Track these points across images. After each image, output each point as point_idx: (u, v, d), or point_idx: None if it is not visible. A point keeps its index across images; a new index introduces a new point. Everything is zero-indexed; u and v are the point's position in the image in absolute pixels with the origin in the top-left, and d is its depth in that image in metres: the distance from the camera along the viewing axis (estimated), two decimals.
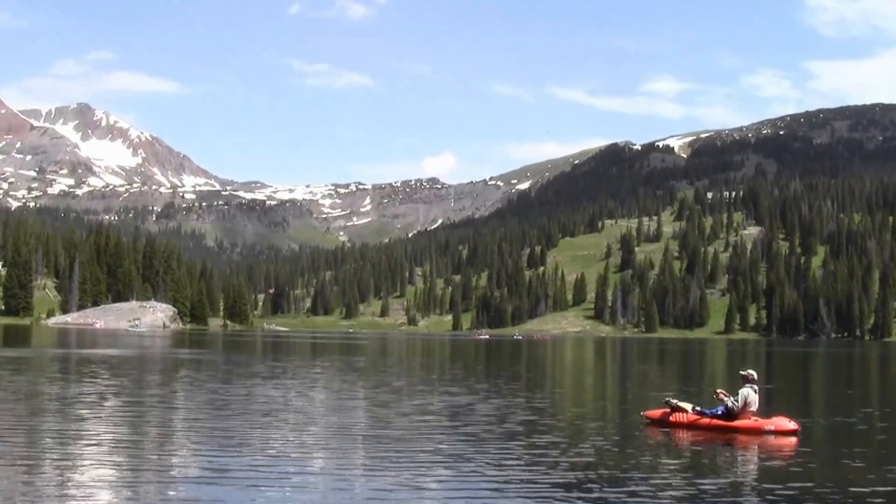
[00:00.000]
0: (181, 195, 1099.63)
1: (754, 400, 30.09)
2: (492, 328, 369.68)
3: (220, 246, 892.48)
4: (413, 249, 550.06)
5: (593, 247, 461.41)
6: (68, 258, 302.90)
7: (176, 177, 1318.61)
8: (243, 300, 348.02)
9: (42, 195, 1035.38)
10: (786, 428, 29.49)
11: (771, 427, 29.36)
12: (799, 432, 29.21)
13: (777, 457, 25.77)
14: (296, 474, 20.90)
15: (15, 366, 58.51)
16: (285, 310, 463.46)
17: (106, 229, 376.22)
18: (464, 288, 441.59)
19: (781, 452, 26.43)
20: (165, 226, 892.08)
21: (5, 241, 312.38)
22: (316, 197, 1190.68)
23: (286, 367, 67.47)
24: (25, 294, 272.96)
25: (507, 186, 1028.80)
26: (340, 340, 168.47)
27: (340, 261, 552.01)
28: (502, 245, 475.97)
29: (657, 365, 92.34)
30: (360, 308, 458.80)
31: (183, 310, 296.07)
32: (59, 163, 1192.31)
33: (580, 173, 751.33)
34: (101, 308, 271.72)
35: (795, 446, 27.34)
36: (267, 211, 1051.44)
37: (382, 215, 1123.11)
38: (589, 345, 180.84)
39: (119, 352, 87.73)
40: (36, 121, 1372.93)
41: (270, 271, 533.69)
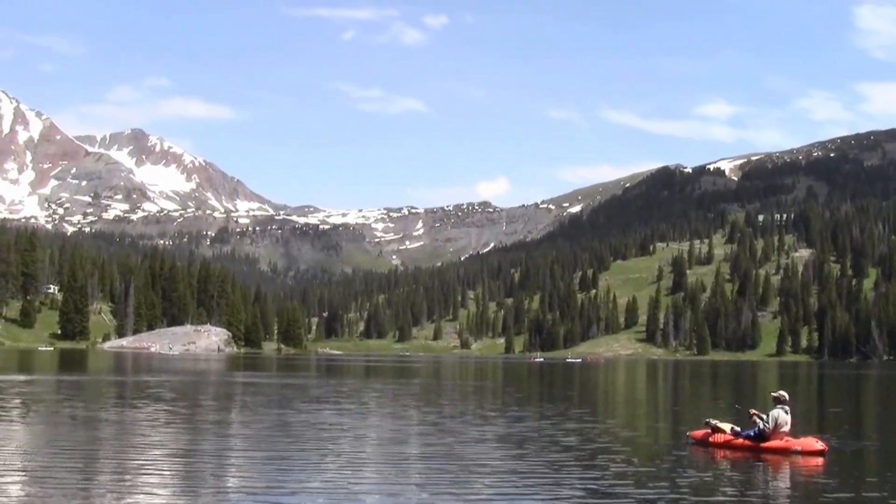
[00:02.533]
0: (235, 220, 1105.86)
1: (786, 421, 31.15)
2: (544, 351, 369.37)
3: (273, 270, 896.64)
4: (465, 273, 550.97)
5: (645, 270, 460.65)
6: (123, 283, 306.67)
7: (230, 202, 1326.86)
8: (297, 324, 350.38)
9: (97, 220, 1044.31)
10: (813, 448, 30.21)
11: (798, 448, 30.60)
12: (826, 453, 30.38)
13: (801, 477, 26.91)
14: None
15: (72, 391, 60.13)
16: (339, 333, 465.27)
17: (161, 254, 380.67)
18: (516, 311, 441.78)
19: (807, 473, 27.55)
20: (219, 250, 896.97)
21: (61, 267, 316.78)
22: (369, 221, 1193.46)
23: (343, 390, 68.30)
24: (81, 318, 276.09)
25: (559, 210, 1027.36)
26: (395, 364, 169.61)
27: (393, 284, 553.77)
28: (554, 268, 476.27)
29: (708, 387, 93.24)
30: (413, 331, 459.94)
31: (237, 334, 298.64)
32: (114, 188, 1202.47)
33: (632, 196, 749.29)
34: (157, 332, 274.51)
35: (822, 467, 28.48)
36: (320, 235, 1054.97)
37: (435, 239, 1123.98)
38: (641, 367, 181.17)
39: (174, 376, 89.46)
40: (91, 147, 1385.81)
41: (324, 295, 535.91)
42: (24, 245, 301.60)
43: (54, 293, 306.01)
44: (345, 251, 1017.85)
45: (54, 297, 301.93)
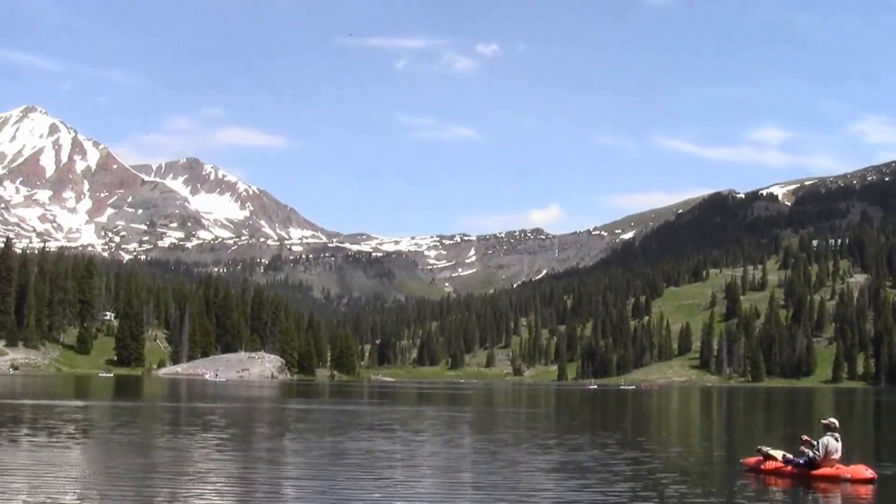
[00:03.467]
0: (289, 247, 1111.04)
1: (836, 448, 31.08)
2: (597, 378, 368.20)
3: (327, 297, 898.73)
4: (518, 300, 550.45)
5: (698, 296, 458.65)
6: (178, 310, 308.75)
7: (283, 229, 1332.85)
8: (350, 351, 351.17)
9: (153, 248, 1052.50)
10: (863, 476, 30.05)
11: (848, 475, 30.53)
12: (876, 481, 30.34)
13: None
14: None
15: (127, 417, 60.91)
16: (391, 360, 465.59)
17: (215, 281, 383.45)
18: (569, 338, 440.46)
19: (856, 501, 27.59)
20: (273, 278, 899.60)
21: (118, 294, 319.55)
22: (421, 248, 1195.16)
23: (396, 417, 68.67)
24: (137, 345, 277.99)
25: (611, 236, 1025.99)
26: (447, 391, 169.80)
27: (446, 311, 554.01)
28: (607, 295, 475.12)
29: (762, 414, 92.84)
30: (466, 358, 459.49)
31: (291, 360, 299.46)
32: (169, 216, 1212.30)
33: (684, 222, 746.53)
34: (211, 359, 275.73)
35: (872, 495, 28.48)
36: (373, 262, 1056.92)
37: (487, 266, 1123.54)
38: (695, 394, 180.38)
39: (229, 403, 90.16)
40: (147, 176, 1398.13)
41: (377, 322, 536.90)
42: (81, 273, 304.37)
43: (110, 320, 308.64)
44: (398, 278, 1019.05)
45: (110, 323, 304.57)
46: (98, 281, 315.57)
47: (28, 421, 53.91)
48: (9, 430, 46.83)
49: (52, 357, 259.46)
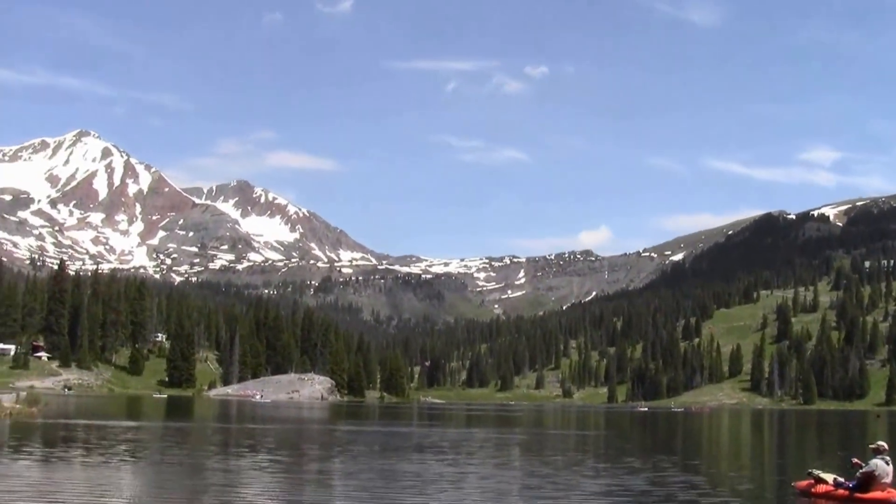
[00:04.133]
0: (338, 269, 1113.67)
1: (886, 471, 30.90)
2: (647, 400, 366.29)
3: (376, 319, 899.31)
4: (567, 322, 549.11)
5: (749, 318, 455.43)
6: (229, 331, 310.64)
7: (333, 252, 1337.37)
8: (399, 373, 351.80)
9: (204, 270, 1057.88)
10: None
11: None
12: None
13: None
14: None
15: (179, 437, 61.38)
16: (441, 382, 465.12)
17: (265, 303, 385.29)
18: (618, 360, 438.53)
19: None
20: (323, 300, 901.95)
21: (169, 316, 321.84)
22: (471, 270, 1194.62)
23: (446, 439, 68.73)
24: (188, 366, 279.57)
25: (661, 258, 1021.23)
26: (497, 413, 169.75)
27: (495, 333, 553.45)
28: (657, 317, 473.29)
29: (814, 437, 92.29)
30: (516, 380, 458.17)
31: (340, 382, 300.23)
32: (219, 239, 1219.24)
33: (734, 243, 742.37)
34: (261, 380, 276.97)
35: None
36: (423, 284, 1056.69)
37: (537, 288, 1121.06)
38: (746, 417, 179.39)
39: (279, 424, 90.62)
40: (198, 198, 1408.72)
41: (426, 344, 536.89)
42: (133, 294, 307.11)
43: (162, 341, 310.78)
44: (447, 300, 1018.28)
45: (162, 345, 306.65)
46: (150, 303, 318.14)
47: (81, 441, 54.43)
48: (62, 449, 47.36)
49: (104, 378, 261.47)
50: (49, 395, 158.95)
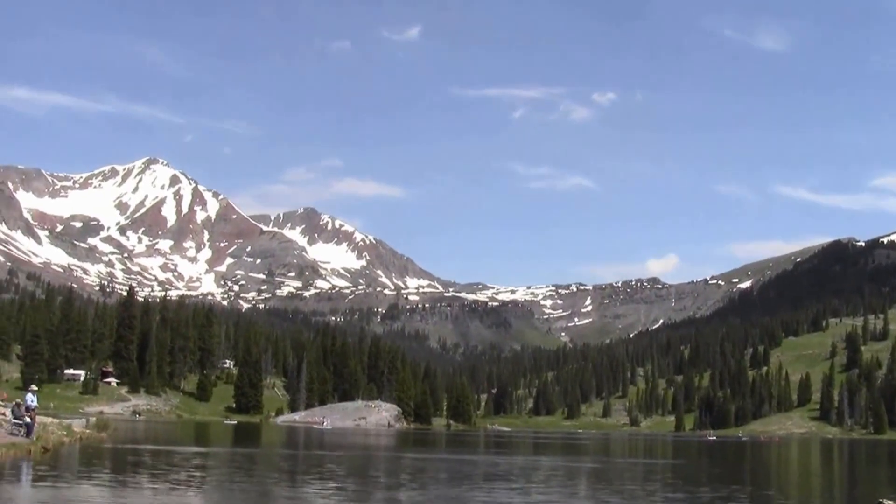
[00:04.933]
0: (405, 297, 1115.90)
1: None
2: (714, 429, 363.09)
3: (443, 347, 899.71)
4: (634, 349, 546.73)
5: (818, 346, 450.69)
6: (296, 358, 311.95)
7: (400, 279, 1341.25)
8: (466, 400, 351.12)
9: (271, 297, 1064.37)
10: None
11: None
12: None
13: None
14: None
15: (246, 463, 61.56)
16: (507, 410, 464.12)
17: (332, 330, 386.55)
18: (686, 388, 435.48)
19: None
20: (390, 327, 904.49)
21: (237, 342, 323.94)
22: (537, 298, 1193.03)
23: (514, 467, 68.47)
24: (255, 393, 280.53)
25: (729, 285, 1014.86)
26: (564, 441, 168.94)
27: (562, 361, 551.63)
28: (724, 345, 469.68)
29: (885, 468, 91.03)
30: (582, 408, 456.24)
31: (407, 409, 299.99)
32: (287, 266, 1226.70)
33: (803, 271, 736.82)
34: (328, 407, 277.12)
35: None
36: (489, 312, 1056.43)
37: (603, 315, 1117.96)
38: (816, 447, 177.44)
39: (346, 451, 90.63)
40: (265, 226, 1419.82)
41: (493, 372, 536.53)
42: (201, 321, 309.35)
43: (230, 368, 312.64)
44: (514, 328, 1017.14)
45: (230, 371, 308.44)
46: (217, 329, 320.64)
47: (149, 466, 54.70)
48: (131, 474, 47.62)
49: (172, 403, 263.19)
50: (118, 420, 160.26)
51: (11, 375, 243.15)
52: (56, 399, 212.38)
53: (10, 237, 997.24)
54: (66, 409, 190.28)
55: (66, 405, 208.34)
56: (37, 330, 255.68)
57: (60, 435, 70.27)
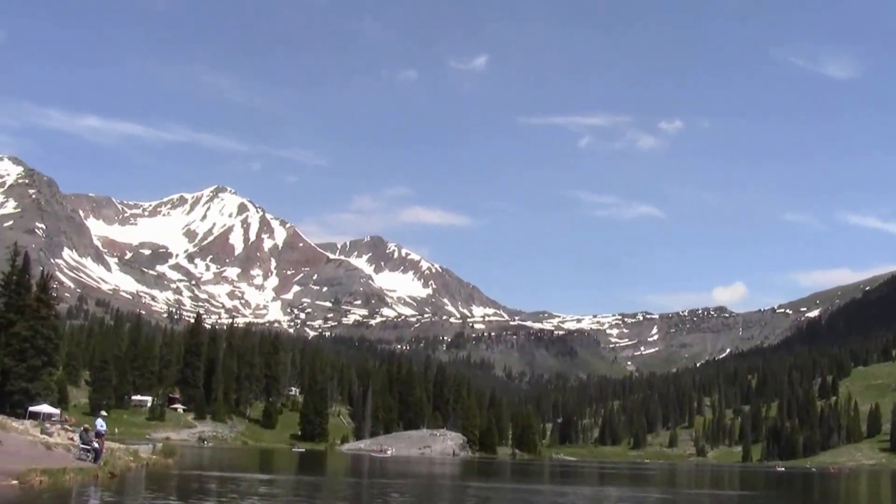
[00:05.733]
0: (471, 325, 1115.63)
1: None
2: (783, 460, 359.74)
3: (508, 375, 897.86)
4: (701, 379, 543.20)
5: (887, 376, 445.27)
6: (362, 386, 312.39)
7: (466, 307, 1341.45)
8: (531, 429, 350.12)
9: (337, 325, 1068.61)
10: None
11: None
12: None
13: None
14: None
15: (311, 491, 61.64)
16: (573, 439, 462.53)
17: (398, 358, 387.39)
18: (753, 418, 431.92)
19: None
20: (455, 355, 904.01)
21: (303, 370, 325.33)
22: (603, 327, 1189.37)
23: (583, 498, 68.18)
24: (321, 420, 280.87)
25: (797, 314, 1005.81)
26: (630, 471, 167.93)
27: (628, 390, 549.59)
28: (792, 374, 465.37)
29: None
30: (648, 438, 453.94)
31: (472, 438, 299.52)
32: (353, 294, 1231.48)
33: (872, 300, 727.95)
34: (393, 435, 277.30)
35: None
36: (555, 341, 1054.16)
37: (670, 345, 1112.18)
38: (886, 478, 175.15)
39: (411, 480, 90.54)
40: (332, 254, 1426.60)
41: (558, 400, 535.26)
42: (267, 348, 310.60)
43: (295, 395, 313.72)
44: (580, 357, 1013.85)
45: (295, 398, 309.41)
46: (284, 357, 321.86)
47: (215, 492, 54.95)
48: (196, 500, 47.87)
49: (238, 430, 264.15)
50: (184, 446, 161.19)
51: (80, 401, 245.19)
52: (123, 425, 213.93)
53: (81, 264, 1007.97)
54: (132, 434, 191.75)
55: (133, 431, 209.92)
56: (105, 356, 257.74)
57: (127, 460, 70.78)
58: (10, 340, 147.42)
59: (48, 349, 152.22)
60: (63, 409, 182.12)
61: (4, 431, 64.16)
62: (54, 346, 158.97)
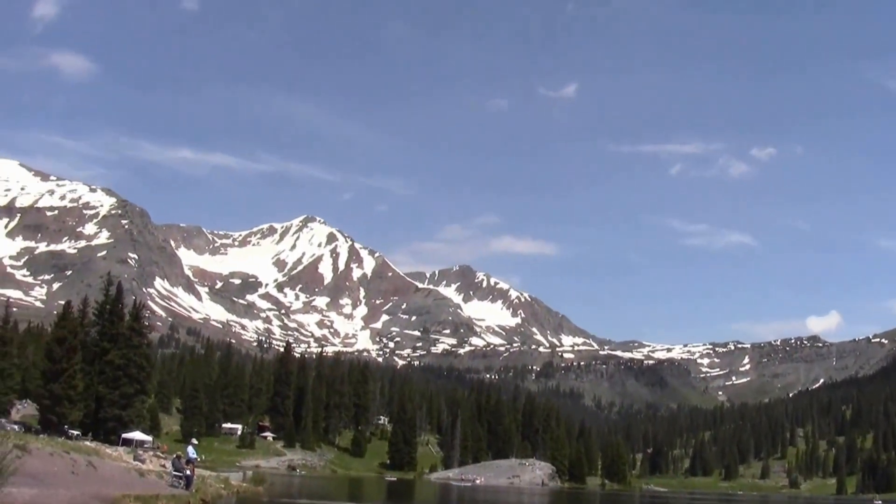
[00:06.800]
0: (560, 354, 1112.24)
1: None
2: (879, 493, 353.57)
3: (598, 405, 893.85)
4: (794, 409, 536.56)
5: None
6: (450, 415, 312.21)
7: (555, 336, 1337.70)
8: (621, 460, 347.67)
9: (426, 354, 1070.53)
10: None
11: None
12: None
13: None
14: None
15: None
16: (663, 470, 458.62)
17: (487, 388, 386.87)
18: (848, 450, 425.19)
19: None
20: (544, 384, 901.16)
21: (391, 399, 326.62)
22: (694, 356, 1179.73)
23: None
24: (410, 449, 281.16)
25: (892, 344, 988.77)
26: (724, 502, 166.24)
27: (719, 421, 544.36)
28: (888, 405, 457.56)
29: None
30: (740, 469, 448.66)
31: (561, 468, 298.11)
32: (442, 323, 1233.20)
33: None
34: (482, 464, 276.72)
35: None
36: (645, 370, 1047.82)
37: (762, 374, 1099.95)
38: None
39: None
40: (420, 283, 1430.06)
41: (648, 431, 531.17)
42: (356, 377, 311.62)
43: (384, 424, 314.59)
44: (670, 386, 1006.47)
45: (384, 427, 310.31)
46: (373, 386, 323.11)
47: None
48: None
49: (327, 459, 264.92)
50: (274, 474, 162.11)
51: (171, 428, 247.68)
52: (213, 452, 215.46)
53: (172, 293, 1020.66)
54: (222, 462, 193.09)
55: (223, 458, 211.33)
56: (196, 384, 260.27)
57: (218, 488, 71.26)
58: (104, 368, 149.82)
59: (141, 377, 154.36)
60: (155, 437, 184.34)
61: (99, 458, 64.84)
62: (147, 375, 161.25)
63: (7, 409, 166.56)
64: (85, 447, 76.41)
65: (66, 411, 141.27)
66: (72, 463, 55.43)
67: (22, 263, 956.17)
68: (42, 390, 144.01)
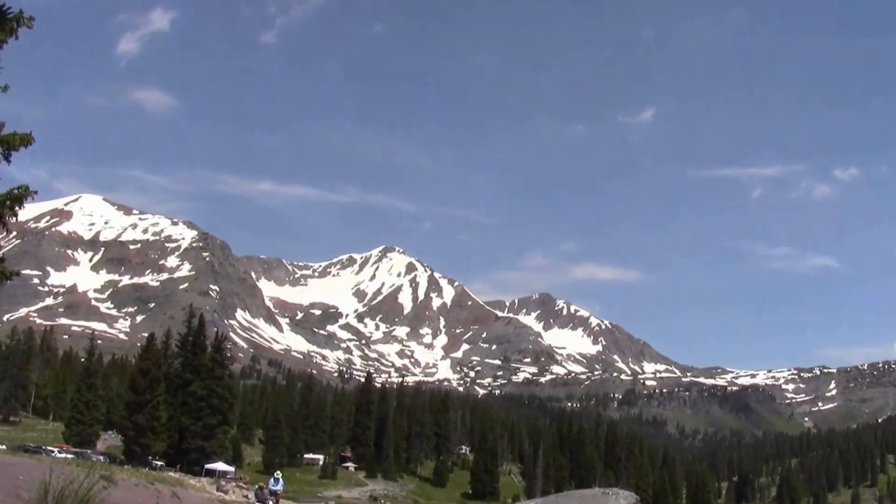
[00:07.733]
0: (642, 382, 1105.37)
1: None
2: None
3: (681, 433, 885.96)
4: (884, 435, 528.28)
5: None
6: (532, 444, 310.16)
7: (636, 363, 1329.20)
8: (706, 488, 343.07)
9: (507, 383, 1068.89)
10: None
11: None
12: None
13: None
14: None
15: None
16: (749, 498, 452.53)
17: (568, 416, 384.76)
18: None
19: None
20: (627, 412, 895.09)
21: (472, 428, 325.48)
22: (778, 382, 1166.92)
23: None
24: (492, 479, 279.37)
25: None
26: None
27: (806, 447, 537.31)
28: None
29: None
30: (829, 497, 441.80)
31: (645, 497, 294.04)
32: (522, 351, 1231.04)
33: None
34: (564, 494, 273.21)
35: None
36: (728, 397, 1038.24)
37: (849, 400, 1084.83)
38: None
39: None
40: (500, 311, 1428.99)
41: (733, 458, 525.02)
42: (437, 406, 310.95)
43: (466, 453, 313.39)
44: (754, 413, 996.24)
45: (465, 457, 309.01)
46: (454, 415, 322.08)
47: None
48: None
49: (409, 489, 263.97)
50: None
51: (253, 459, 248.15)
52: (295, 483, 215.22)
53: (253, 325, 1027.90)
54: (304, 493, 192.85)
55: (305, 489, 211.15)
56: (278, 415, 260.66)
57: None
58: (186, 399, 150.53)
59: (223, 408, 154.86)
60: (237, 467, 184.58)
61: (182, 488, 64.35)
62: (229, 406, 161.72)
63: (93, 440, 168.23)
64: (169, 478, 76.09)
65: (150, 442, 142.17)
66: (156, 493, 54.93)
67: (106, 296, 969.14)
68: (126, 421, 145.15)
